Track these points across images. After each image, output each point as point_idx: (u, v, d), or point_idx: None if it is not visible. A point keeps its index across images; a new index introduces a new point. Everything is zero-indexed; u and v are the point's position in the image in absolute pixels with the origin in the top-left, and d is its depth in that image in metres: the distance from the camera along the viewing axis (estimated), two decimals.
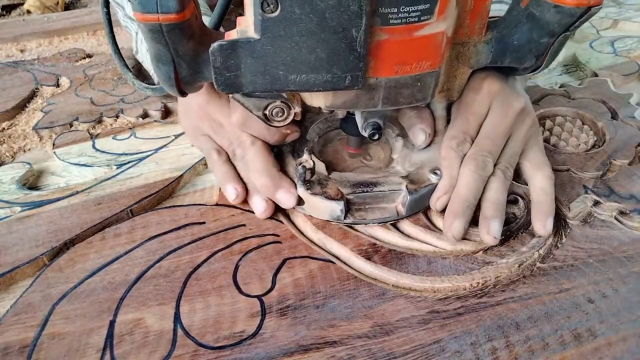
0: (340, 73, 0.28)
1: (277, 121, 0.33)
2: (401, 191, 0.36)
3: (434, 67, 0.30)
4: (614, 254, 0.35)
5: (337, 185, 0.36)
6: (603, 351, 0.29)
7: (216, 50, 0.27)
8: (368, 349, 0.29)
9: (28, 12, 1.37)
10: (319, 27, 0.26)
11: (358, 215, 0.36)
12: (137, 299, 0.33)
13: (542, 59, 0.33)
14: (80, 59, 0.71)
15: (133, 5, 0.26)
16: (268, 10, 0.25)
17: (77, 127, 0.53)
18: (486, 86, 0.37)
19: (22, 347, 0.30)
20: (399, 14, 0.27)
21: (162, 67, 0.29)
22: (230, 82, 0.29)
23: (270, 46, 0.27)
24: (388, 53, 0.28)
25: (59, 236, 0.37)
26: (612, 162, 0.42)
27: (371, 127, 0.34)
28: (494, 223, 0.34)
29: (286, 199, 0.37)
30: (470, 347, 0.29)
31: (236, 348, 0.29)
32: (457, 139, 0.36)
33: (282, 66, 0.28)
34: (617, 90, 0.54)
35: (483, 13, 0.31)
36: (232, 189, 0.39)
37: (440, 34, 0.28)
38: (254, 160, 0.37)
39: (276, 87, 0.29)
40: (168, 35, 0.26)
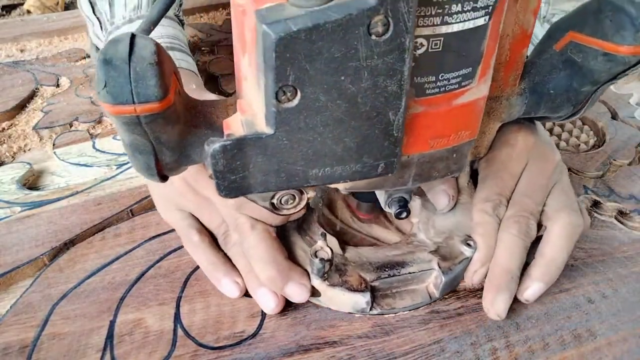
0: (372, 161, 0.23)
1: (287, 209, 0.28)
2: (432, 270, 0.31)
3: (472, 135, 0.26)
4: (614, 254, 0.35)
5: (358, 270, 0.31)
6: (603, 351, 0.29)
7: (218, 153, 0.21)
8: (368, 349, 0.29)
9: (28, 12, 1.37)
10: (349, 114, 0.21)
11: (385, 303, 0.31)
12: (137, 299, 0.33)
13: (580, 106, 0.29)
14: (80, 59, 0.71)
15: (100, 97, 0.20)
16: (284, 100, 0.20)
17: (77, 127, 0.53)
18: (522, 141, 0.33)
19: (22, 347, 0.30)
20: (437, 83, 0.22)
21: (140, 157, 0.23)
22: (236, 185, 0.23)
23: (287, 140, 0.21)
24: (423, 127, 0.23)
25: (59, 236, 0.37)
26: (612, 162, 0.42)
27: (397, 203, 0.29)
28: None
29: (298, 293, 0.30)
30: (470, 347, 0.29)
31: (236, 348, 0.29)
32: (493, 202, 0.32)
33: (301, 161, 0.22)
34: (617, 90, 0.54)
35: (519, 64, 0.27)
36: (231, 283, 0.32)
37: (482, 99, 0.25)
38: (256, 247, 0.30)
39: (293, 184, 0.24)
40: (148, 126, 0.21)
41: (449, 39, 0.21)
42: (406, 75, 0.20)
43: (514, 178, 0.33)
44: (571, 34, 0.26)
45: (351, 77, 0.19)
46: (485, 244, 0.31)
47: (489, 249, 0.31)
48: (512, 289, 0.30)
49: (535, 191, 0.33)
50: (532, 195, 0.32)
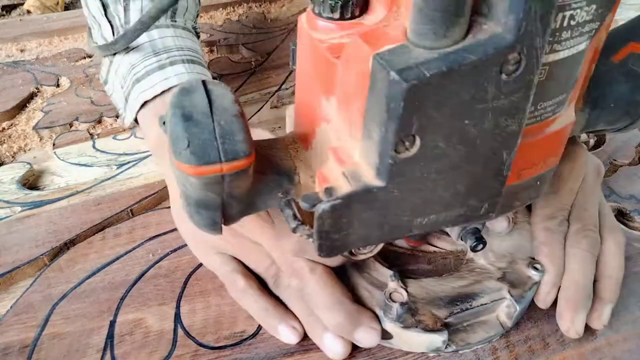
0: (477, 203, 0.22)
1: (364, 253, 0.26)
2: (504, 299, 0.29)
3: (557, 162, 0.24)
4: None
5: (429, 307, 0.29)
6: (603, 351, 0.29)
7: (326, 213, 0.19)
8: (368, 349, 0.29)
9: (28, 12, 1.37)
10: (466, 159, 0.19)
11: (459, 339, 0.29)
12: (137, 299, 0.33)
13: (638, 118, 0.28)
14: (80, 59, 0.71)
15: (181, 157, 0.18)
16: (402, 150, 0.18)
17: (77, 127, 0.53)
18: (580, 156, 0.32)
19: (22, 347, 0.30)
20: (535, 112, 0.21)
21: (206, 212, 0.22)
22: (337, 244, 0.21)
23: (398, 192, 0.19)
24: (517, 158, 0.21)
25: (59, 236, 0.37)
26: (612, 162, 0.42)
27: (472, 236, 0.28)
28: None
29: (368, 338, 0.28)
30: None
31: (236, 348, 0.29)
32: (556, 220, 0.31)
33: (408, 212, 0.21)
34: None
35: (587, 80, 0.25)
36: (289, 329, 0.29)
37: (571, 124, 0.23)
38: (320, 293, 0.28)
39: (395, 236, 0.22)
40: (230, 184, 0.20)
41: (554, 67, 0.20)
42: (527, 112, 0.19)
43: (573, 194, 0.33)
44: (632, 44, 0.25)
45: (475, 120, 0.18)
46: (554, 264, 0.30)
47: (558, 269, 0.30)
48: (588, 306, 0.30)
49: (592, 204, 0.32)
50: (590, 209, 0.32)
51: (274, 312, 0.30)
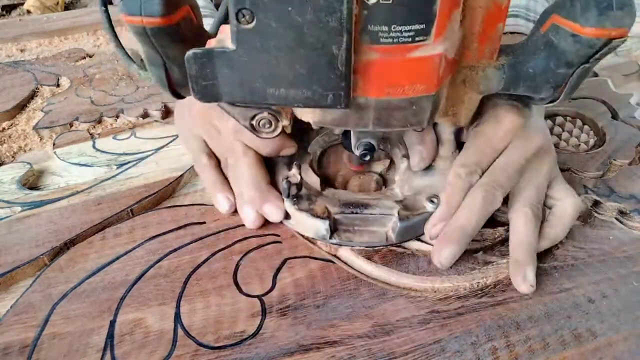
0: (322, 91, 0.26)
1: (265, 133, 0.32)
2: (392, 216, 0.34)
3: (429, 90, 0.28)
4: (614, 254, 0.35)
5: (325, 202, 0.35)
6: (603, 351, 0.29)
7: (191, 58, 0.26)
8: (368, 348, 0.29)
9: (28, 12, 1.37)
10: (297, 43, 0.24)
11: (345, 236, 0.35)
12: (137, 299, 0.33)
13: (560, 90, 0.30)
14: (80, 59, 0.71)
15: (118, 8, 0.25)
16: (243, 22, 0.24)
17: (77, 127, 0.53)
18: (510, 120, 0.34)
19: (22, 347, 0.30)
20: (390, 33, 0.25)
21: (154, 69, 0.28)
22: (207, 91, 0.28)
23: (247, 58, 0.25)
24: (378, 73, 0.26)
25: (59, 236, 0.37)
26: (612, 162, 0.42)
27: (363, 147, 0.33)
28: (529, 270, 0.32)
29: (272, 212, 0.36)
30: (471, 347, 0.29)
31: (236, 348, 0.29)
32: (468, 168, 0.34)
33: (259, 79, 0.26)
34: (617, 90, 0.54)
35: (494, 37, 0.29)
36: (224, 198, 0.38)
37: (437, 56, 0.26)
38: (244, 171, 0.37)
39: (255, 99, 0.28)
40: (155, 38, 0.26)
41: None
42: (345, 14, 0.23)
43: (494, 153, 0.35)
44: (554, 16, 0.27)
45: (297, 8, 0.23)
46: (448, 202, 0.33)
47: (450, 207, 0.33)
48: (462, 246, 0.32)
49: (510, 168, 0.34)
50: (507, 171, 0.34)
51: (219, 185, 0.39)
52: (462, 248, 0.33)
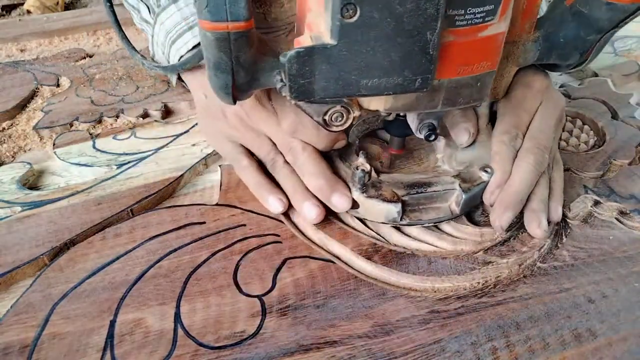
0: (411, 76, 0.27)
1: (336, 126, 0.33)
2: (454, 190, 0.36)
3: (493, 67, 0.30)
4: (614, 254, 0.35)
5: (391, 187, 0.36)
6: (603, 351, 0.29)
7: (293, 58, 0.26)
8: (368, 348, 0.29)
9: (28, 12, 1.37)
10: (396, 31, 0.25)
11: (413, 216, 0.36)
12: (137, 299, 0.33)
13: (586, 55, 0.33)
14: (80, 59, 0.71)
15: (201, 14, 0.25)
16: (347, 16, 0.25)
17: (77, 127, 0.53)
18: (537, 83, 0.37)
19: (22, 347, 0.30)
20: (465, 16, 0.27)
21: (221, 75, 0.28)
22: (304, 89, 0.28)
23: (347, 51, 0.26)
24: (453, 54, 0.28)
25: (59, 236, 0.37)
26: (612, 162, 0.42)
27: (427, 128, 0.34)
28: (544, 218, 0.35)
29: (341, 202, 0.36)
30: (471, 347, 0.29)
31: (236, 348, 0.29)
32: (510, 134, 0.36)
33: (355, 71, 0.27)
34: (617, 90, 0.54)
35: (534, 12, 0.31)
36: (277, 200, 0.38)
37: (501, 34, 0.29)
38: (308, 163, 0.37)
39: (347, 92, 0.28)
40: (234, 43, 0.26)
41: None
42: (442, 0, 0.24)
43: (529, 115, 0.37)
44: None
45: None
46: (501, 169, 0.35)
47: (504, 174, 0.35)
48: (518, 209, 0.35)
49: (548, 129, 0.37)
50: (546, 132, 0.37)
51: (267, 186, 0.39)
52: (518, 211, 0.35)
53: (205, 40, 0.27)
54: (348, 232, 0.37)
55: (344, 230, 0.37)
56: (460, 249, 0.35)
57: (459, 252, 0.35)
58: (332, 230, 0.37)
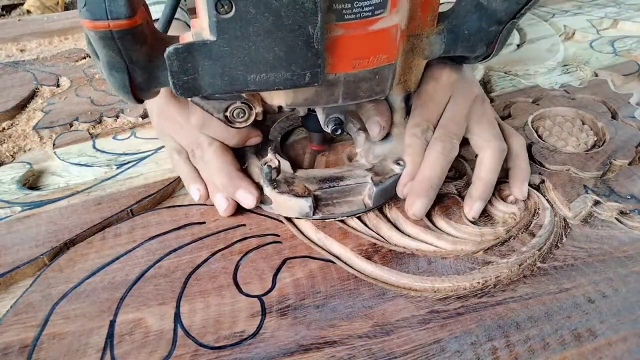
0: (300, 70, 0.28)
1: (239, 122, 0.33)
2: (367, 183, 0.37)
3: (390, 59, 0.30)
4: (614, 254, 0.35)
5: (303, 182, 0.37)
6: (603, 351, 0.29)
7: (172, 54, 0.27)
8: (368, 348, 0.29)
9: (28, 12, 1.37)
10: (275, 26, 0.26)
11: (326, 210, 0.37)
12: (137, 299, 0.33)
13: (492, 46, 0.34)
14: (80, 59, 0.71)
15: (80, 13, 0.25)
16: (222, 12, 0.25)
17: (77, 127, 0.53)
18: (445, 76, 0.38)
19: (22, 347, 0.30)
20: (353, 9, 0.27)
21: (116, 74, 0.28)
22: (189, 85, 0.28)
23: (227, 47, 0.26)
24: (345, 48, 0.28)
25: (59, 236, 0.37)
26: (612, 162, 0.42)
27: (333, 122, 0.35)
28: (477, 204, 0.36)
29: (246, 198, 0.37)
30: (471, 347, 0.29)
31: (236, 348, 0.29)
32: (421, 127, 0.37)
33: (240, 66, 0.27)
34: (617, 90, 0.54)
35: (433, 5, 0.32)
36: (195, 189, 0.39)
37: (394, 27, 0.29)
38: (213, 160, 0.38)
39: (236, 87, 0.28)
40: (120, 41, 0.26)
41: None
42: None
43: (439, 107, 0.39)
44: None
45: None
46: (413, 161, 0.36)
47: (415, 165, 0.36)
48: (431, 196, 0.36)
49: (458, 118, 0.38)
50: (455, 121, 0.38)
51: (191, 177, 0.40)
52: (431, 198, 0.36)
53: (92, 40, 0.26)
54: (348, 232, 0.37)
55: (343, 230, 0.37)
56: (460, 249, 0.35)
57: (459, 252, 0.35)
58: (332, 230, 0.37)
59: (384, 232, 0.37)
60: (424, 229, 0.36)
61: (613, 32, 0.71)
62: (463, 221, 0.37)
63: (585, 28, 0.72)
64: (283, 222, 0.38)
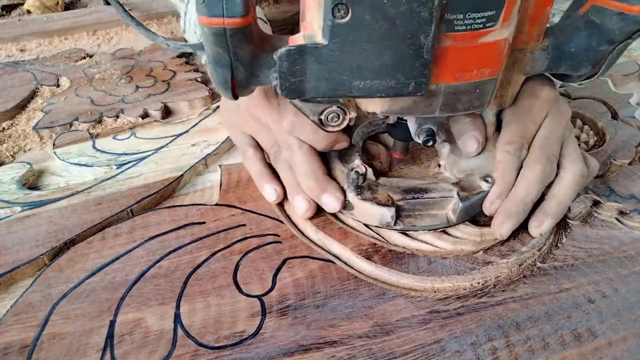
0: (404, 79, 0.27)
1: (332, 126, 0.33)
2: (452, 198, 0.35)
3: (494, 74, 0.30)
4: (614, 254, 0.35)
5: (387, 190, 0.36)
6: (603, 351, 0.29)
7: (284, 56, 0.27)
8: (368, 348, 0.29)
9: (28, 12, 1.37)
10: (388, 34, 0.25)
11: (407, 221, 0.35)
12: (137, 299, 0.33)
13: (598, 66, 0.32)
14: (80, 59, 0.71)
15: (198, 8, 0.25)
16: (339, 16, 0.25)
17: (77, 127, 0.53)
18: (545, 93, 0.36)
19: (22, 347, 0.30)
20: (464, 21, 0.26)
21: (220, 70, 0.28)
22: (294, 87, 0.28)
23: (338, 52, 0.26)
24: (451, 60, 0.28)
25: (59, 236, 0.37)
26: (612, 162, 0.42)
27: (425, 133, 0.34)
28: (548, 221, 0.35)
29: (331, 202, 0.36)
30: (471, 347, 0.29)
31: (236, 348, 0.29)
32: (515, 144, 0.35)
33: (347, 72, 0.27)
34: (617, 90, 0.54)
35: (543, 19, 0.30)
36: (272, 189, 0.39)
37: (504, 40, 0.28)
38: (302, 162, 0.37)
39: (339, 93, 0.28)
40: (231, 39, 0.26)
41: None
42: (436, 4, 0.24)
43: (536, 125, 0.36)
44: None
45: (392, 1, 0.24)
46: (503, 179, 0.34)
47: (506, 184, 0.34)
48: (521, 219, 0.34)
49: (554, 139, 0.36)
50: (553, 141, 0.36)
51: (266, 176, 0.40)
52: (520, 221, 0.34)
53: (204, 35, 0.27)
54: (348, 232, 0.37)
55: (343, 230, 0.37)
56: (460, 249, 0.35)
57: (459, 252, 0.35)
58: (332, 230, 0.37)
59: (384, 232, 0.37)
60: None
61: None
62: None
63: None
64: (283, 222, 0.38)
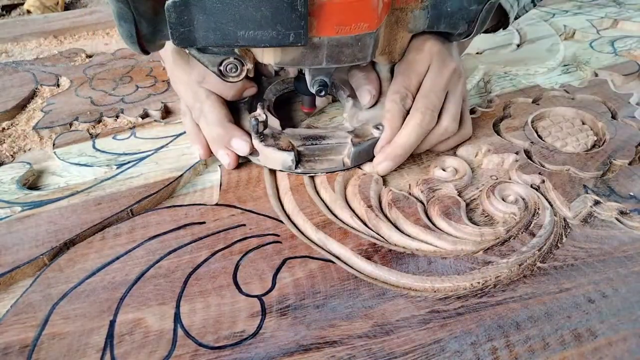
0: (284, 30, 0.31)
1: (232, 77, 0.36)
2: (346, 144, 0.40)
3: (371, 28, 0.33)
4: (614, 254, 0.35)
5: (288, 138, 0.40)
6: (603, 351, 0.29)
7: (170, 7, 0.30)
8: (368, 348, 0.29)
9: (28, 12, 1.37)
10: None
11: (308, 165, 0.40)
12: (137, 299, 0.33)
13: (472, 25, 0.37)
14: (80, 59, 0.71)
15: None
16: None
17: (77, 127, 0.53)
18: (427, 47, 0.40)
19: (22, 347, 0.30)
20: None
21: (124, 24, 0.31)
22: (185, 36, 0.31)
23: (220, 4, 0.29)
24: (329, 14, 0.31)
25: (59, 236, 0.37)
26: (612, 162, 0.42)
27: (318, 83, 0.38)
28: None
29: (240, 145, 0.40)
30: (471, 347, 0.29)
31: (236, 348, 0.29)
32: (400, 94, 0.40)
33: (231, 23, 0.30)
34: (617, 90, 0.54)
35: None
36: (197, 149, 0.43)
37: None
38: (209, 112, 0.41)
39: (227, 42, 0.31)
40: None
41: None
42: None
43: (418, 77, 0.41)
44: None
45: None
46: (391, 126, 0.39)
47: (393, 130, 0.39)
48: (398, 161, 0.40)
49: (436, 91, 0.40)
50: (435, 92, 0.40)
51: (195, 136, 0.43)
52: (397, 163, 0.40)
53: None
54: (348, 232, 0.37)
55: (343, 230, 0.37)
56: (460, 249, 0.35)
57: (459, 252, 0.35)
58: (332, 230, 0.37)
59: (384, 232, 0.37)
60: (424, 229, 0.36)
61: (613, 32, 0.71)
62: (463, 221, 0.37)
63: (585, 28, 0.72)
64: (283, 222, 0.38)
